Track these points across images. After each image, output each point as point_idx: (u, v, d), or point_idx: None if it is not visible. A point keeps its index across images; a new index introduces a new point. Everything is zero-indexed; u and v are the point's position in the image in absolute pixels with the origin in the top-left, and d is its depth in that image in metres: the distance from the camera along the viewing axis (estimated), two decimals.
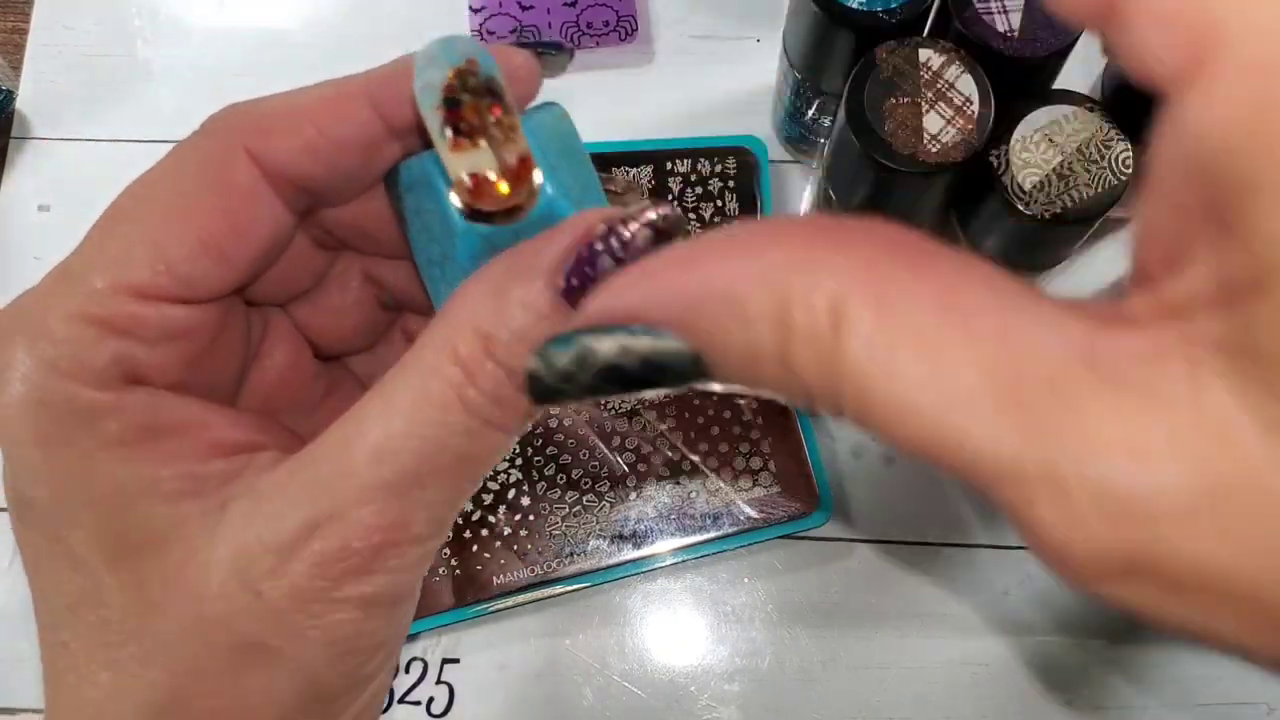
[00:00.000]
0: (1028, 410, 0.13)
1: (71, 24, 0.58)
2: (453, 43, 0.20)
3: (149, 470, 0.20)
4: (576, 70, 0.56)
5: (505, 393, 0.20)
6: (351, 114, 0.22)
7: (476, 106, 0.19)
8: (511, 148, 0.20)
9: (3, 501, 0.21)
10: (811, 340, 0.14)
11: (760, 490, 0.49)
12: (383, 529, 0.20)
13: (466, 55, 0.20)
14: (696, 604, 0.49)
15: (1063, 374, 0.13)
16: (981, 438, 0.13)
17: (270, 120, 0.22)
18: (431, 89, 0.19)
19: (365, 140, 0.22)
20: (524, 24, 0.54)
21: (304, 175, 0.22)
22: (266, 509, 0.20)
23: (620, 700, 0.48)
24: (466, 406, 0.19)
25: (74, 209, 0.55)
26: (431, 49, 0.20)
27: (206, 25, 0.58)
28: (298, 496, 0.20)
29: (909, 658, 0.49)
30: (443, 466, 0.20)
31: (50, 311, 0.20)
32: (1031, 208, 0.41)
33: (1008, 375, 0.13)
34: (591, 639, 0.49)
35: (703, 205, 0.53)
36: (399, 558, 0.20)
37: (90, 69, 0.57)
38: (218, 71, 0.57)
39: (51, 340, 0.20)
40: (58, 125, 0.56)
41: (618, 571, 0.48)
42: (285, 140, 0.22)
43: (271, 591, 0.20)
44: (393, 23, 0.57)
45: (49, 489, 0.20)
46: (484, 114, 0.19)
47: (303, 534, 0.20)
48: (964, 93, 0.40)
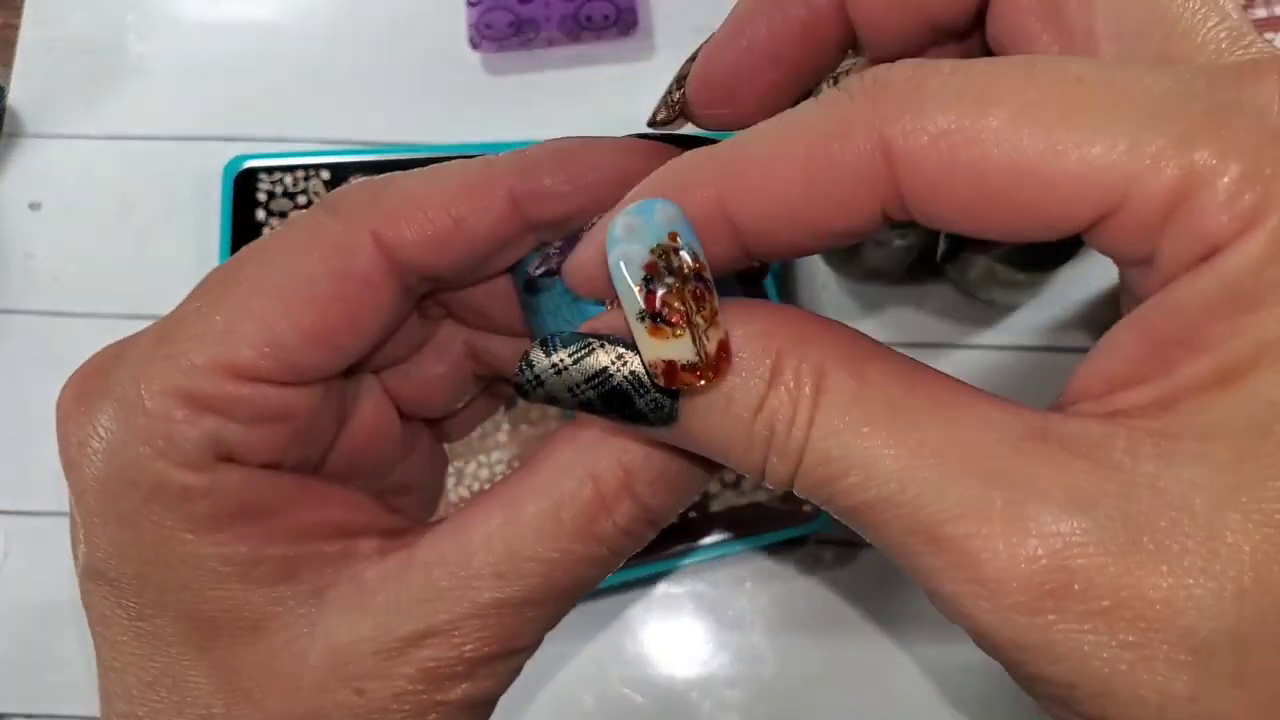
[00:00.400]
0: (984, 464, 0.15)
1: (63, 19, 0.57)
2: (652, 213, 0.18)
3: (242, 553, 0.19)
4: (576, 65, 0.56)
5: (638, 526, 0.20)
6: (491, 206, 0.21)
7: (681, 295, 0.17)
8: (714, 334, 0.17)
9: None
10: (792, 398, 0.16)
11: (762, 493, 0.48)
12: (492, 643, 0.20)
13: (670, 228, 0.17)
14: (698, 609, 0.49)
15: (1023, 440, 0.15)
16: (940, 492, 0.15)
17: (402, 206, 0.21)
18: (630, 264, 0.17)
19: (502, 236, 0.21)
20: (522, 18, 0.53)
21: (431, 265, 0.21)
22: (375, 608, 0.19)
23: (621, 706, 0.47)
24: (598, 537, 0.19)
25: (66, 206, 0.54)
26: (632, 218, 0.18)
27: (199, 19, 0.57)
28: (410, 602, 0.19)
29: (913, 663, 0.48)
30: (563, 589, 0.20)
31: (144, 383, 0.19)
32: None
33: (968, 439, 0.15)
34: (592, 645, 0.48)
35: None
36: (505, 664, 0.20)
37: (82, 65, 0.56)
38: (210, 66, 0.56)
39: (145, 415, 0.19)
40: (49, 122, 0.55)
41: (618, 577, 0.48)
42: (416, 229, 0.20)
43: (376, 691, 0.19)
44: (387, 16, 0.56)
45: (134, 569, 0.19)
46: (688, 303, 0.17)
47: (415, 640, 0.19)
48: None
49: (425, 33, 0.56)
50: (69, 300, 0.53)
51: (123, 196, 0.54)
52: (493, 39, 0.54)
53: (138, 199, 0.54)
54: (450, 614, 0.19)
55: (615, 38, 0.55)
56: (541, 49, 0.55)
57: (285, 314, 0.20)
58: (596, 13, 0.54)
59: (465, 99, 0.55)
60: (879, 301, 0.52)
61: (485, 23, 0.53)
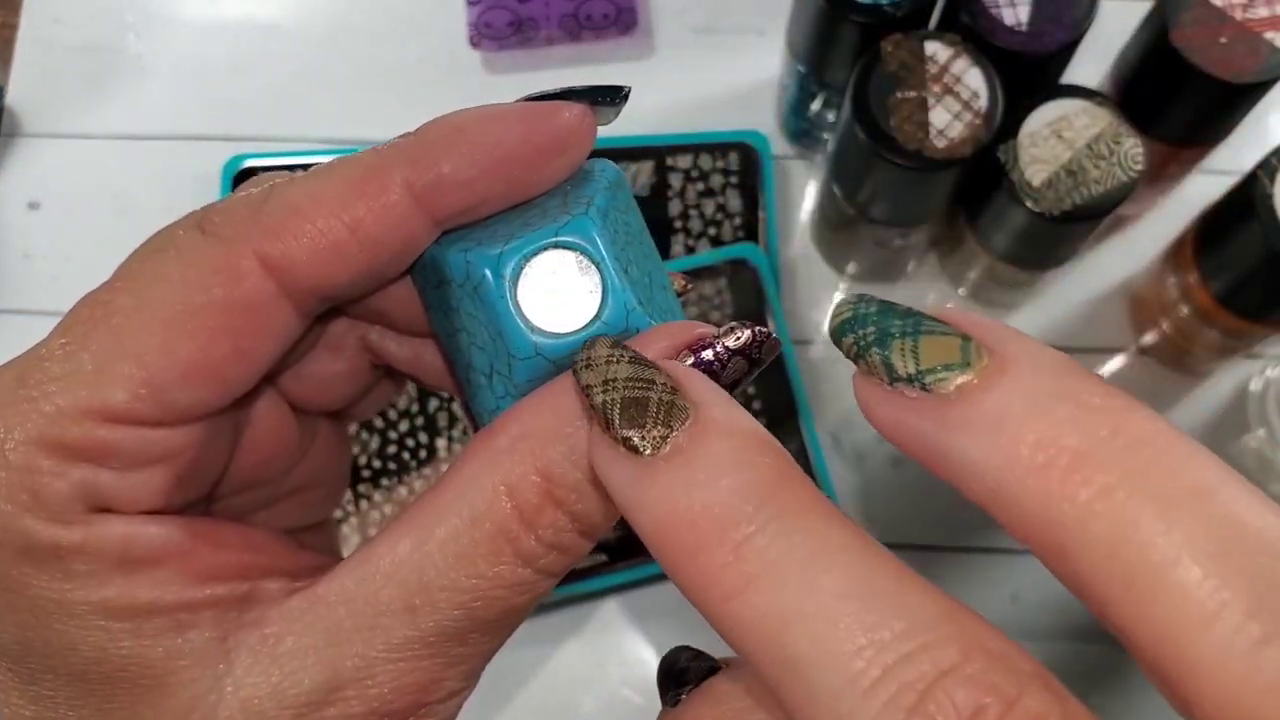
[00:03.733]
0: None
1: (62, 18, 0.57)
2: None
3: (130, 608, 0.17)
4: (576, 64, 0.55)
5: (566, 539, 0.17)
6: (388, 204, 0.18)
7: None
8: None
9: None
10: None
11: None
12: (414, 690, 0.18)
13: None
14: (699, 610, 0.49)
15: None
16: None
17: (287, 218, 0.18)
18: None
19: (404, 237, 0.18)
20: (522, 17, 0.53)
21: (327, 282, 0.18)
22: (281, 656, 0.18)
23: (621, 708, 0.47)
24: (521, 556, 0.17)
25: (64, 206, 0.54)
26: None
27: (198, 19, 0.57)
28: (317, 648, 0.17)
29: None
30: (486, 621, 0.18)
31: (5, 431, 0.17)
32: (1040, 204, 0.40)
33: None
34: (591, 646, 0.48)
35: (704, 201, 0.52)
36: (432, 714, 0.18)
37: (81, 64, 0.56)
38: (209, 66, 0.56)
39: (5, 467, 0.17)
40: (48, 121, 0.55)
41: (618, 578, 0.47)
42: (306, 244, 0.18)
43: None
44: (386, 14, 0.56)
45: (13, 634, 0.18)
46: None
47: (325, 694, 0.17)
48: (971, 87, 0.40)
49: (425, 32, 0.56)
50: (67, 300, 0.52)
51: (121, 196, 0.54)
52: (492, 38, 0.54)
53: (136, 198, 0.54)
54: (361, 657, 0.17)
55: (615, 37, 0.55)
56: (541, 48, 0.55)
57: (162, 350, 0.17)
58: (596, 12, 0.54)
59: (465, 98, 0.54)
60: None
61: (485, 21, 0.53)
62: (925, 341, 0.14)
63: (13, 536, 0.17)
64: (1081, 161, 0.40)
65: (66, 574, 0.17)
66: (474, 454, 0.18)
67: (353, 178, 0.18)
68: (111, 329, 0.18)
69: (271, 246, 0.18)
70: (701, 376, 0.16)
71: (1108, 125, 0.40)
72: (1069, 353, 0.14)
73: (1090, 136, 0.40)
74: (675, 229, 0.52)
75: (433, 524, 0.17)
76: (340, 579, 0.18)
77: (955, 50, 0.40)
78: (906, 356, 0.14)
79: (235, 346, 0.18)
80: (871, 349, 0.14)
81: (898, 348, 0.14)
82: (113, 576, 0.17)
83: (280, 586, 0.19)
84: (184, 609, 0.18)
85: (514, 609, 0.18)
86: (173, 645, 0.18)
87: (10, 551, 0.17)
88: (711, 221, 0.52)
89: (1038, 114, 0.41)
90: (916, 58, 0.40)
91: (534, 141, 0.19)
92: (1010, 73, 0.40)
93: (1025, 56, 0.40)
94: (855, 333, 0.15)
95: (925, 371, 0.14)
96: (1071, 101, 0.41)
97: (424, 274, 0.20)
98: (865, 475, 0.50)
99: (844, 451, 0.50)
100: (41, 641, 0.17)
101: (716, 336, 0.17)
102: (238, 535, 0.20)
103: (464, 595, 0.17)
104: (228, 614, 0.18)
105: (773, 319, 0.49)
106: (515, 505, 0.17)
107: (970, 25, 0.40)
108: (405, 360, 0.23)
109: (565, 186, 0.20)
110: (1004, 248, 0.45)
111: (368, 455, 0.49)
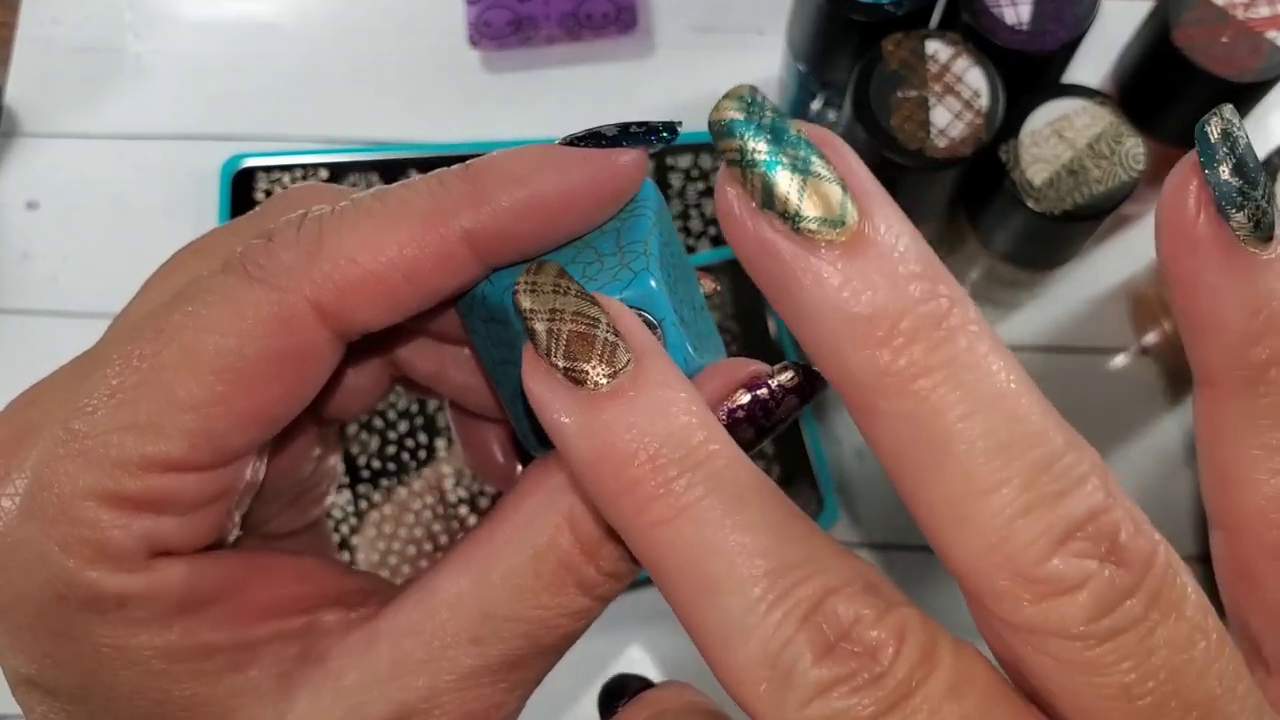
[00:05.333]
0: None
1: (60, 18, 0.57)
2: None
3: (192, 648, 0.18)
4: (575, 63, 0.55)
5: (623, 566, 0.18)
6: (446, 253, 0.18)
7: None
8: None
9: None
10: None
11: None
12: (478, 715, 0.18)
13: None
14: None
15: None
16: None
17: (345, 268, 0.18)
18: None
19: (457, 283, 0.19)
20: (522, 16, 0.53)
21: (377, 322, 0.19)
22: (345, 690, 0.18)
23: None
24: (582, 586, 0.18)
25: (63, 206, 0.54)
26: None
27: (198, 18, 0.57)
28: (381, 682, 0.18)
29: None
30: (546, 646, 0.18)
31: (59, 484, 0.17)
32: (1041, 204, 0.40)
33: None
34: (594, 645, 0.48)
35: (704, 201, 0.52)
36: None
37: (80, 63, 0.56)
38: (208, 65, 0.56)
39: (67, 523, 0.17)
40: (46, 121, 0.55)
41: None
42: (363, 294, 0.18)
43: None
44: (386, 14, 0.56)
45: (74, 680, 0.18)
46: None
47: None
48: (972, 86, 0.39)
49: (424, 30, 0.56)
50: (67, 300, 0.53)
51: (120, 195, 0.54)
52: (492, 37, 0.53)
53: (135, 198, 0.54)
54: (428, 688, 0.18)
55: (614, 36, 0.55)
56: (541, 47, 0.55)
57: (218, 400, 0.17)
58: (596, 10, 0.54)
59: (464, 97, 0.55)
60: None
61: (485, 20, 0.53)
62: (811, 186, 0.15)
63: (77, 590, 0.17)
64: (1083, 161, 0.40)
65: (130, 621, 0.17)
66: (531, 489, 0.19)
67: (413, 228, 0.18)
68: (165, 380, 0.17)
69: (327, 297, 0.18)
70: (641, 326, 0.16)
71: (1109, 125, 0.40)
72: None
73: (1091, 136, 0.40)
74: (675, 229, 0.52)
75: (495, 558, 0.18)
76: (405, 613, 0.19)
77: (956, 49, 0.40)
78: (790, 195, 0.15)
79: (285, 391, 0.18)
80: (758, 168, 0.15)
81: (784, 181, 0.15)
82: (175, 620, 0.18)
83: (337, 619, 0.19)
84: (244, 647, 0.18)
85: (573, 634, 0.19)
86: (234, 684, 0.18)
87: (74, 605, 0.17)
88: (711, 221, 0.52)
89: (1039, 113, 0.40)
90: (917, 57, 0.40)
91: (595, 194, 0.19)
92: (1011, 72, 0.40)
93: (1026, 56, 0.40)
94: (742, 141, 0.15)
95: (803, 217, 0.15)
96: (1073, 101, 0.41)
97: (472, 306, 0.20)
98: (865, 475, 0.50)
99: (844, 451, 0.50)
100: (104, 687, 0.18)
101: (771, 374, 0.18)
102: (290, 564, 0.20)
103: (528, 625, 0.18)
104: (287, 649, 0.19)
105: (772, 319, 0.49)
106: (577, 539, 0.18)
107: (971, 24, 0.40)
108: (428, 375, 0.23)
109: (615, 222, 0.20)
110: (1005, 247, 0.44)
111: (368, 455, 0.49)
